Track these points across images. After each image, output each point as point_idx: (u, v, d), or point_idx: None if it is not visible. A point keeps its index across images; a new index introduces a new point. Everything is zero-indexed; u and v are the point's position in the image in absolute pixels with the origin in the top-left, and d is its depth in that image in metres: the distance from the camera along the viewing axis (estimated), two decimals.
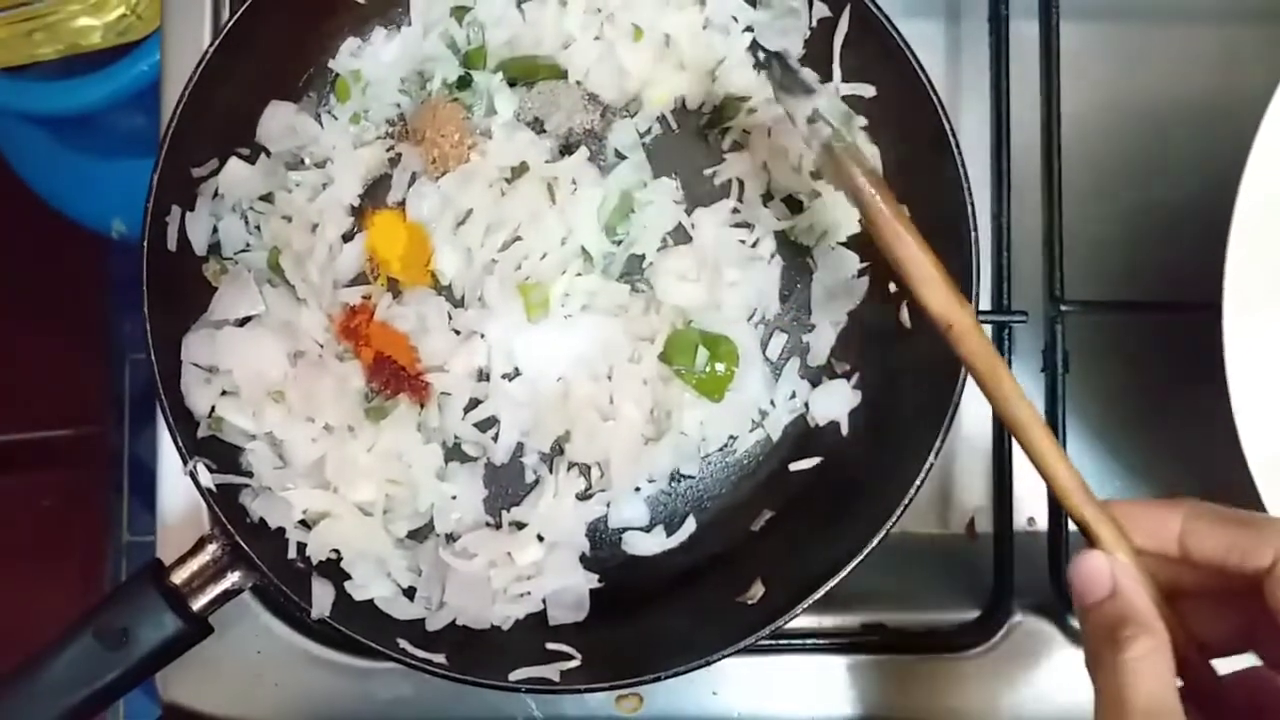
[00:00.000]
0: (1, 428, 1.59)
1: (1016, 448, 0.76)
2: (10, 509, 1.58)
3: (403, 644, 0.69)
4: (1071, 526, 0.75)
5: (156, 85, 0.81)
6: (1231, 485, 0.66)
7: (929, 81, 0.71)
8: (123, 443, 1.73)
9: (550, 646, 0.70)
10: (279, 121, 0.75)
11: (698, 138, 0.78)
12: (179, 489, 0.77)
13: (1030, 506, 0.81)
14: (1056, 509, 0.76)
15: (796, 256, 0.78)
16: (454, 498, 0.74)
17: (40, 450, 1.65)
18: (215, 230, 0.74)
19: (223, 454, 0.71)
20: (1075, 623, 0.78)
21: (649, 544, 0.75)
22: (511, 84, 0.76)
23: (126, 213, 1.33)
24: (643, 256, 0.76)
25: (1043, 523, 0.79)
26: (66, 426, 1.68)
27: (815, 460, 0.76)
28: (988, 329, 0.78)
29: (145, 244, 0.70)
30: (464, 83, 0.76)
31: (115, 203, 1.33)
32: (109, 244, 1.37)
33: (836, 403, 0.76)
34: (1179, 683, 0.50)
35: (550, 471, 0.75)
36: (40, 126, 1.28)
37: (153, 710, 0.79)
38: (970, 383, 0.70)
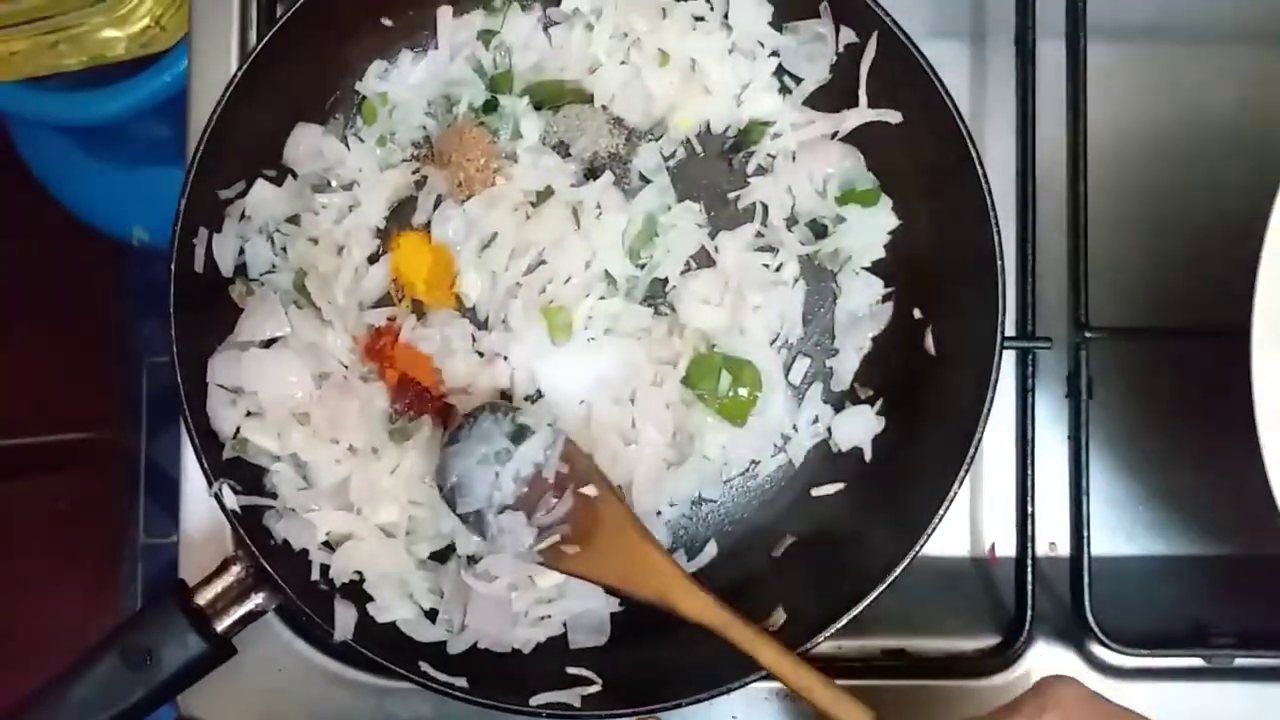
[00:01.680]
0: (18, 431, 1.59)
1: (1039, 471, 0.77)
2: (27, 512, 1.59)
3: (424, 667, 0.69)
4: (1095, 550, 0.76)
5: (180, 96, 0.82)
6: (1257, 512, 0.65)
7: (956, 109, 0.71)
8: (139, 446, 1.73)
9: (571, 671, 0.71)
10: (306, 144, 0.75)
11: (722, 161, 0.78)
12: (202, 508, 0.77)
13: (1052, 531, 0.80)
14: (1079, 534, 0.76)
15: (820, 281, 0.78)
16: None
17: (57, 453, 1.65)
18: (242, 252, 0.75)
19: (247, 475, 0.72)
20: (1097, 650, 0.78)
21: None
22: (537, 108, 0.76)
23: (147, 220, 1.34)
24: (666, 280, 0.77)
25: (1064, 548, 0.78)
26: (83, 430, 1.68)
27: (838, 486, 0.76)
28: (1010, 355, 0.77)
29: (172, 266, 0.70)
30: (490, 106, 0.76)
31: (136, 211, 1.33)
32: (129, 250, 1.37)
33: (859, 428, 0.76)
34: None
35: None
36: (64, 135, 1.29)
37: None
38: (995, 409, 0.70)
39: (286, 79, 0.73)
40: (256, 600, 0.70)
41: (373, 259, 0.76)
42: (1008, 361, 0.77)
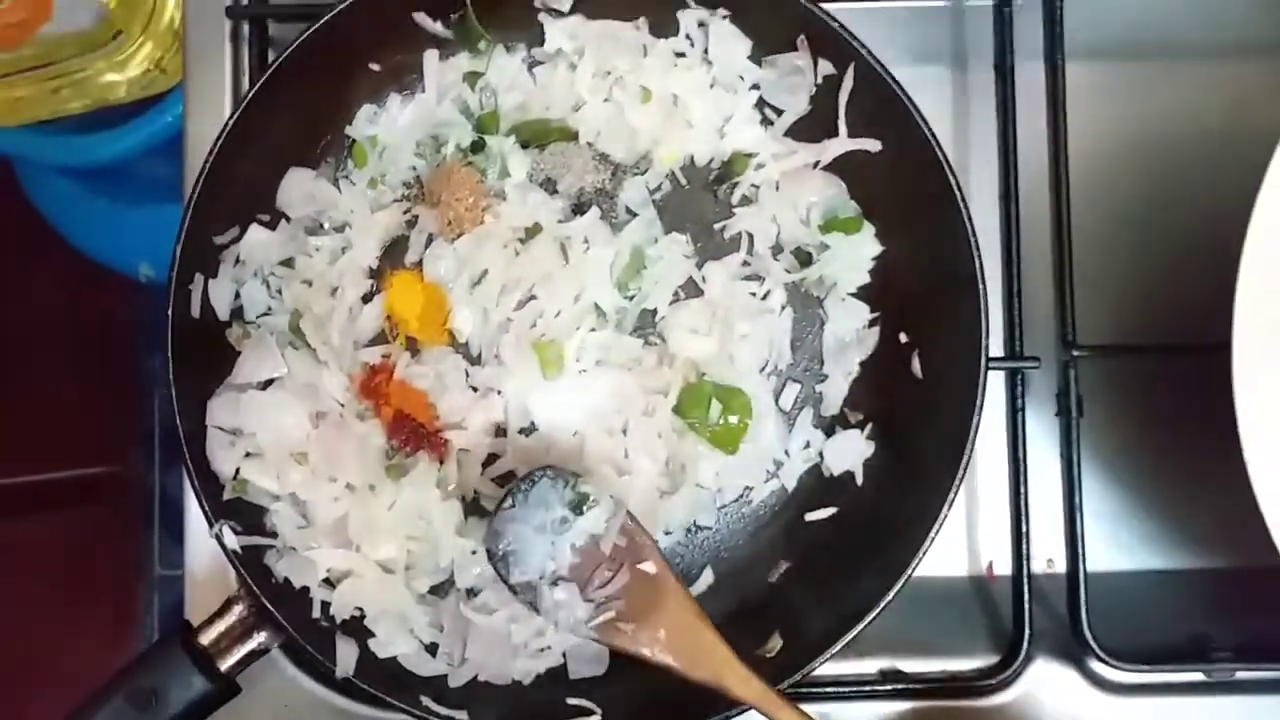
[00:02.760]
0: (32, 466, 1.61)
1: (1033, 489, 0.77)
2: (42, 546, 1.60)
3: (426, 700, 0.70)
4: (1091, 566, 0.76)
5: (181, 135, 0.83)
6: (1250, 524, 0.65)
7: (933, 135, 0.72)
8: (152, 478, 1.75)
9: (571, 701, 0.71)
10: (298, 188, 0.77)
11: (707, 193, 0.79)
12: (205, 547, 0.78)
13: (1049, 548, 0.81)
14: (1075, 550, 0.76)
15: (807, 308, 0.79)
16: (474, 553, 0.74)
17: (71, 487, 1.67)
18: (237, 296, 0.76)
19: (247, 515, 0.73)
20: (1096, 666, 0.78)
21: None
22: (524, 146, 0.78)
23: (153, 256, 1.35)
24: (655, 311, 0.78)
25: (1061, 565, 0.79)
26: (96, 463, 1.70)
27: (831, 510, 0.77)
28: (1000, 375, 0.78)
29: (170, 313, 0.71)
30: (477, 146, 0.77)
31: (142, 247, 1.35)
32: (136, 286, 1.39)
33: (851, 452, 0.77)
34: None
35: None
36: (69, 176, 1.31)
37: None
38: (984, 426, 0.71)
39: (278, 124, 0.75)
40: (259, 639, 0.71)
41: (366, 298, 0.77)
42: (998, 381, 0.78)
